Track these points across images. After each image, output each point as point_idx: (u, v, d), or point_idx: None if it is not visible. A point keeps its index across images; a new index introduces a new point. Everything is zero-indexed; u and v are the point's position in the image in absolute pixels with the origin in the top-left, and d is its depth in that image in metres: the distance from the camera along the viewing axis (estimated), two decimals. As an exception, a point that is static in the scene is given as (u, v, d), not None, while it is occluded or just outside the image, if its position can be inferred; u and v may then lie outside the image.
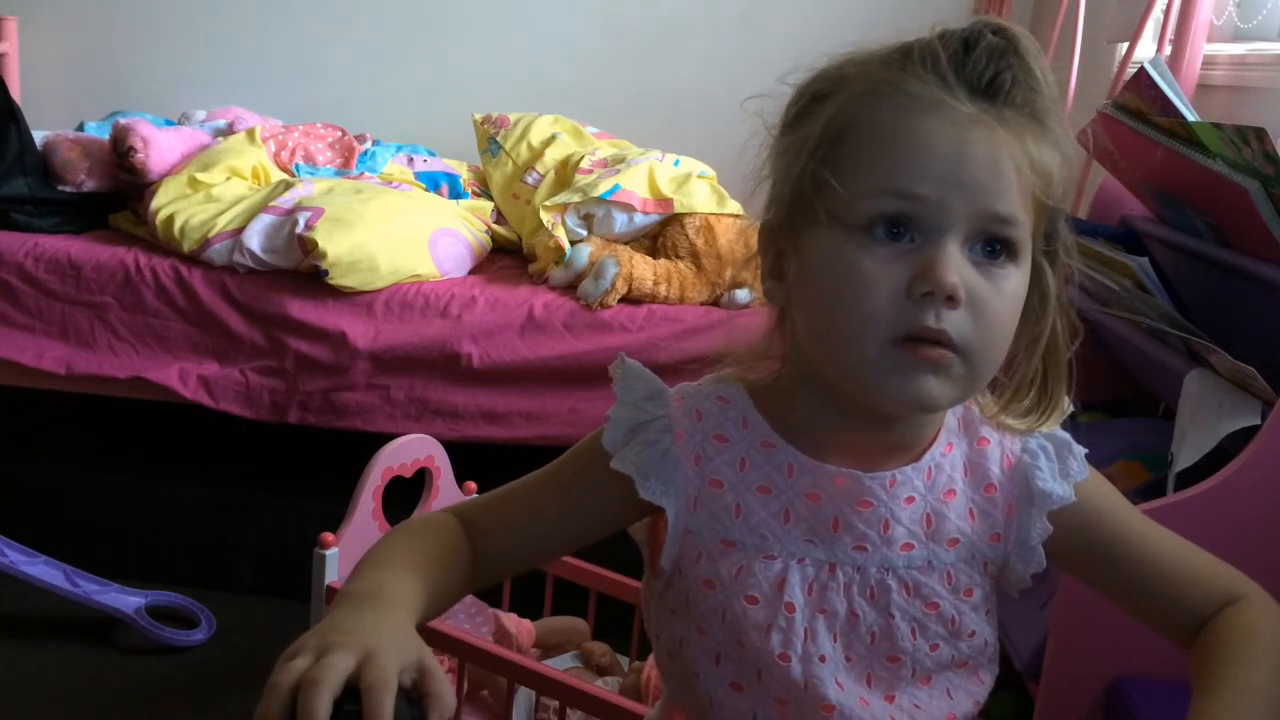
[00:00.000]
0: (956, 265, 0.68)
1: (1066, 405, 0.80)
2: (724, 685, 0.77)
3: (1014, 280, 0.71)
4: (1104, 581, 0.82)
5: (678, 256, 2.36)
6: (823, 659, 0.75)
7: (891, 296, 0.68)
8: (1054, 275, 0.76)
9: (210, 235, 2.29)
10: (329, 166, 2.69)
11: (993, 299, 0.70)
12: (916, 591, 0.77)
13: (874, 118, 0.70)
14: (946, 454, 0.78)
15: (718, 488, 0.76)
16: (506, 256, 2.62)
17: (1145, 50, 2.03)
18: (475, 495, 0.82)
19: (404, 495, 1.81)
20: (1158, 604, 0.80)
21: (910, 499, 0.77)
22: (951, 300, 0.68)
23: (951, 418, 0.80)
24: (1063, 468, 0.80)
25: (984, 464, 0.79)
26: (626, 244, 2.40)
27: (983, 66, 0.70)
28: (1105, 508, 0.81)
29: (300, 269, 2.26)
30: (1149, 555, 0.80)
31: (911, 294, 0.68)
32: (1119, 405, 1.62)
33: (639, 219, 2.40)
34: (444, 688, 0.62)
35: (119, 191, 2.55)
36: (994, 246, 0.70)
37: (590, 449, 0.80)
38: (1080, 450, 0.81)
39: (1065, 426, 0.83)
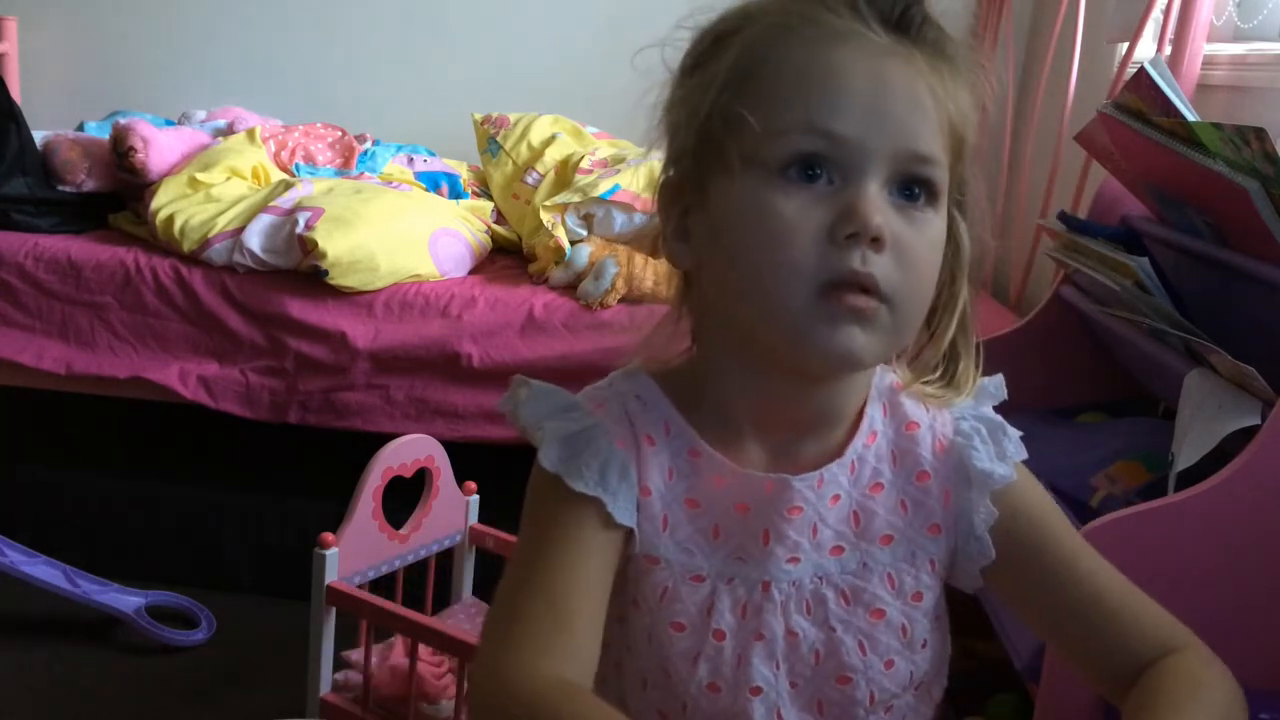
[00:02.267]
0: (879, 205, 0.65)
1: (976, 374, 0.75)
2: (651, 713, 0.73)
3: (935, 226, 0.68)
4: (1033, 599, 0.75)
5: (678, 256, 2.36)
6: (756, 690, 0.70)
7: (813, 241, 0.64)
8: (966, 227, 0.72)
9: (210, 235, 2.29)
10: (329, 166, 2.69)
11: (916, 242, 0.66)
12: (856, 599, 0.72)
13: (785, 51, 0.66)
14: (870, 445, 0.74)
15: (646, 495, 0.71)
16: (506, 256, 2.62)
17: (1145, 50, 2.03)
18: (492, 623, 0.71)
19: (404, 495, 1.81)
20: (1092, 636, 0.73)
21: (836, 497, 0.72)
22: (876, 242, 0.64)
23: (876, 407, 0.75)
24: (998, 449, 0.75)
25: (914, 450, 0.74)
26: (626, 244, 2.40)
27: (892, 2, 0.67)
28: (1036, 503, 0.76)
29: (300, 269, 2.26)
30: (1084, 574, 0.73)
31: (834, 237, 0.64)
32: (1119, 405, 1.62)
33: (639, 219, 2.40)
34: None
35: (119, 191, 2.55)
36: (913, 190, 0.67)
37: (543, 503, 0.71)
38: (1015, 433, 0.76)
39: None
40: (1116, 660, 0.72)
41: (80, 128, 2.74)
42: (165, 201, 2.37)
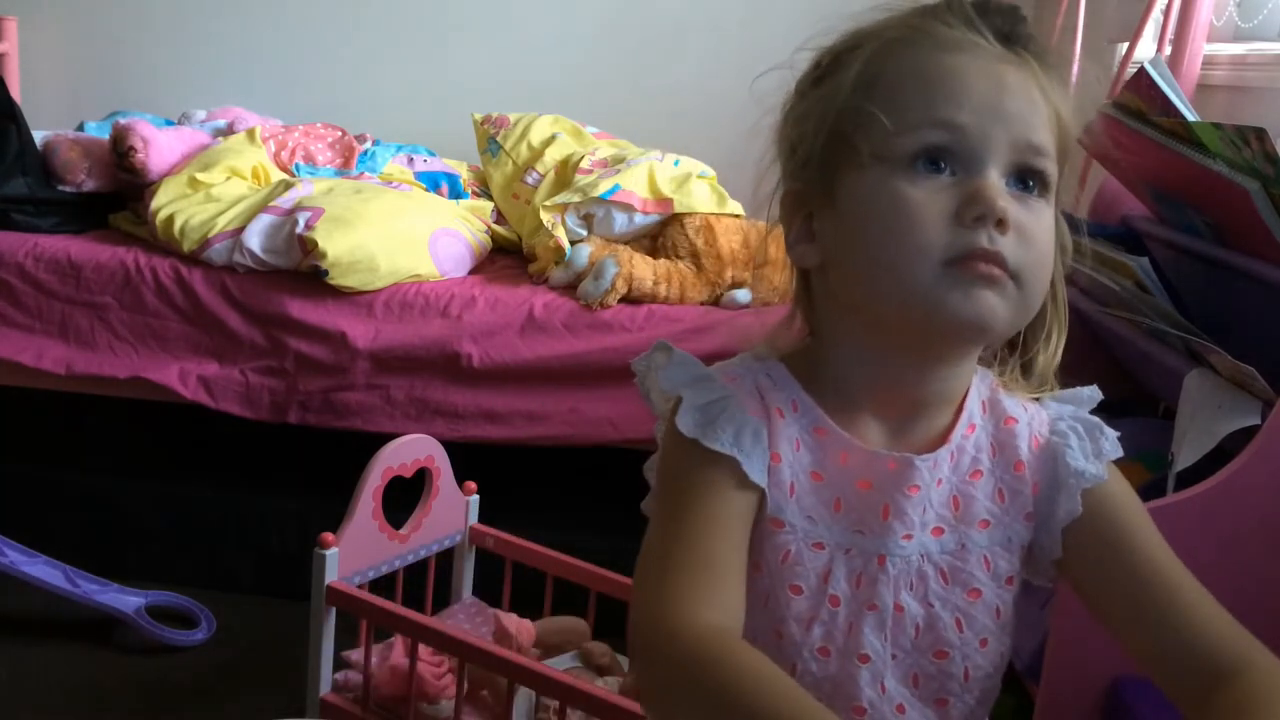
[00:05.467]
0: (1001, 191, 0.70)
1: (1054, 363, 0.79)
2: None
3: (1047, 215, 0.73)
4: (1112, 596, 0.77)
5: (678, 256, 2.36)
6: (864, 658, 0.74)
7: (942, 223, 0.69)
8: (1066, 229, 0.77)
9: (210, 235, 2.29)
10: (329, 166, 2.69)
11: (1035, 225, 0.71)
12: (954, 578, 0.75)
13: (908, 59, 0.72)
14: (969, 435, 0.77)
15: (776, 462, 0.75)
16: (506, 256, 2.62)
17: (1145, 50, 2.03)
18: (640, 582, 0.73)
19: (404, 495, 1.81)
20: (1167, 639, 0.74)
21: (940, 481, 0.76)
22: (1001, 224, 0.69)
23: (975, 403, 0.79)
24: (1095, 446, 0.78)
25: (1013, 442, 0.78)
26: (626, 244, 2.40)
27: (1001, 19, 0.73)
28: (1124, 503, 0.78)
29: (300, 269, 2.26)
30: (1166, 578, 0.75)
31: (962, 220, 0.69)
32: (1119, 405, 1.62)
33: (639, 219, 2.40)
34: None
35: (119, 191, 2.55)
36: (1028, 181, 0.72)
37: (681, 466, 0.74)
38: (1113, 433, 0.80)
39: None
40: (1190, 665, 0.73)
41: (80, 128, 2.74)
42: (165, 201, 2.37)
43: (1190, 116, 1.34)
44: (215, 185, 2.43)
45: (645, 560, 0.73)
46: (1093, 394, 0.82)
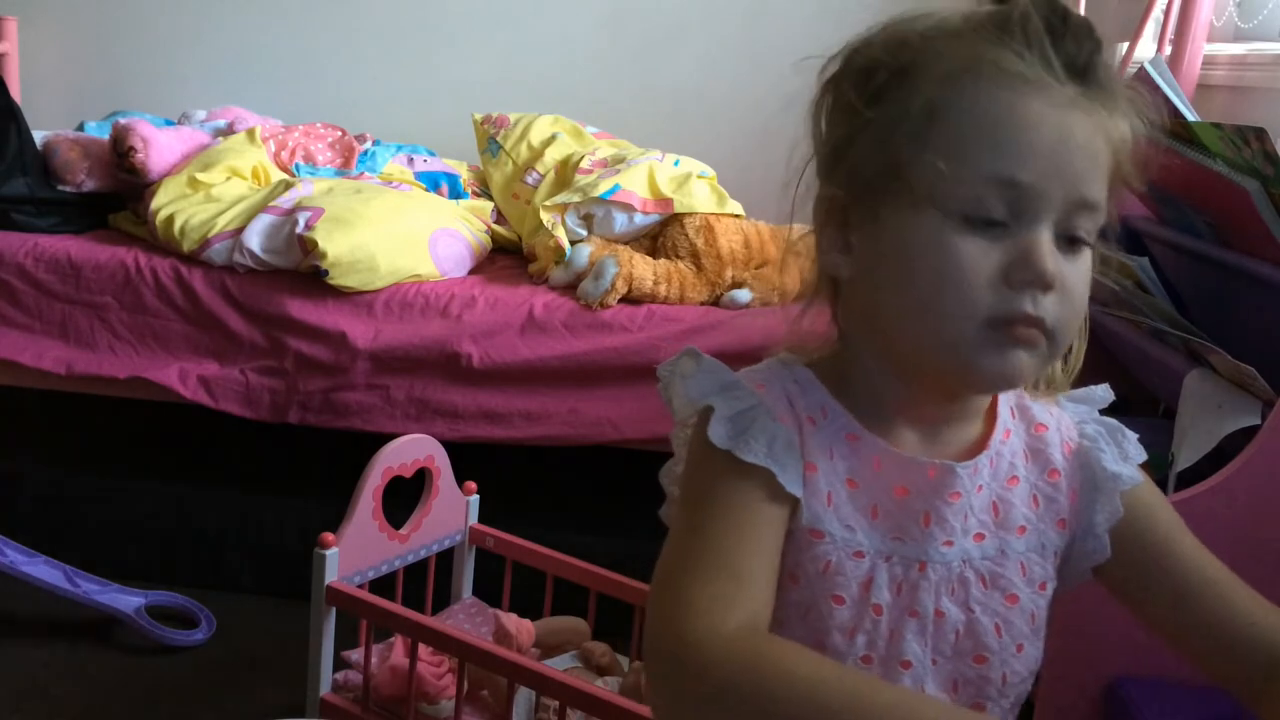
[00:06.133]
0: (1051, 250, 0.69)
1: (1065, 368, 0.80)
2: None
3: (1088, 260, 0.72)
4: (1153, 594, 0.78)
5: (678, 256, 2.36)
6: (906, 664, 0.74)
7: (989, 283, 0.68)
8: (1102, 250, 0.76)
9: (210, 235, 2.29)
10: (329, 166, 2.69)
11: (1076, 279, 0.71)
12: (994, 583, 0.75)
13: (975, 98, 0.69)
14: (1005, 441, 0.78)
15: (812, 471, 0.73)
16: (506, 256, 2.62)
17: (1145, 50, 2.03)
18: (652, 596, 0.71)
19: (404, 495, 1.81)
20: (1215, 631, 0.76)
21: (980, 487, 0.76)
22: (1048, 288, 0.69)
23: (1006, 409, 0.79)
24: (1121, 451, 0.79)
25: (1045, 450, 0.79)
26: (626, 244, 2.40)
27: (1077, 47, 0.70)
28: (1158, 502, 0.80)
29: (300, 269, 2.26)
30: (1205, 570, 0.77)
31: (1010, 280, 0.68)
32: (1119, 405, 1.62)
33: (639, 219, 2.40)
34: None
35: (119, 191, 2.55)
36: (1077, 232, 0.71)
37: (712, 477, 0.73)
38: (1133, 435, 0.81)
39: None
40: (1245, 656, 0.75)
41: (80, 128, 2.74)
42: (165, 201, 2.38)
43: (1190, 116, 1.34)
44: (215, 185, 2.43)
45: (667, 572, 0.71)
46: (1105, 394, 0.83)
